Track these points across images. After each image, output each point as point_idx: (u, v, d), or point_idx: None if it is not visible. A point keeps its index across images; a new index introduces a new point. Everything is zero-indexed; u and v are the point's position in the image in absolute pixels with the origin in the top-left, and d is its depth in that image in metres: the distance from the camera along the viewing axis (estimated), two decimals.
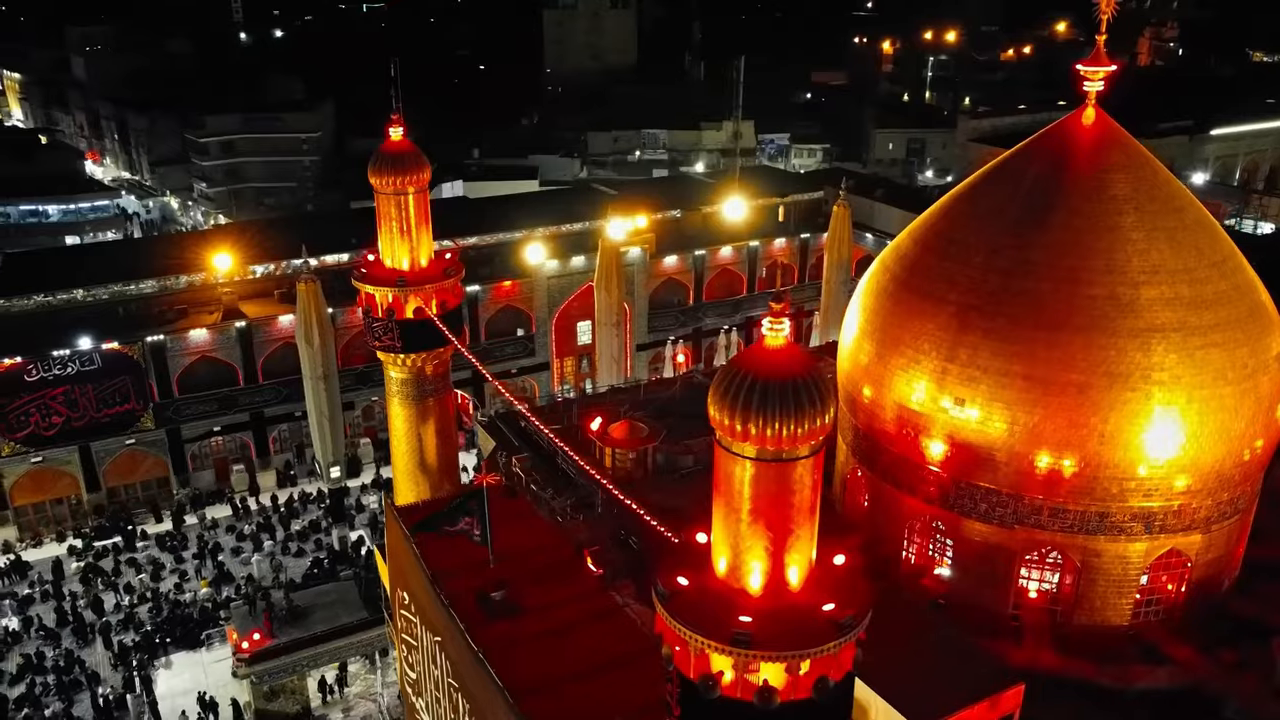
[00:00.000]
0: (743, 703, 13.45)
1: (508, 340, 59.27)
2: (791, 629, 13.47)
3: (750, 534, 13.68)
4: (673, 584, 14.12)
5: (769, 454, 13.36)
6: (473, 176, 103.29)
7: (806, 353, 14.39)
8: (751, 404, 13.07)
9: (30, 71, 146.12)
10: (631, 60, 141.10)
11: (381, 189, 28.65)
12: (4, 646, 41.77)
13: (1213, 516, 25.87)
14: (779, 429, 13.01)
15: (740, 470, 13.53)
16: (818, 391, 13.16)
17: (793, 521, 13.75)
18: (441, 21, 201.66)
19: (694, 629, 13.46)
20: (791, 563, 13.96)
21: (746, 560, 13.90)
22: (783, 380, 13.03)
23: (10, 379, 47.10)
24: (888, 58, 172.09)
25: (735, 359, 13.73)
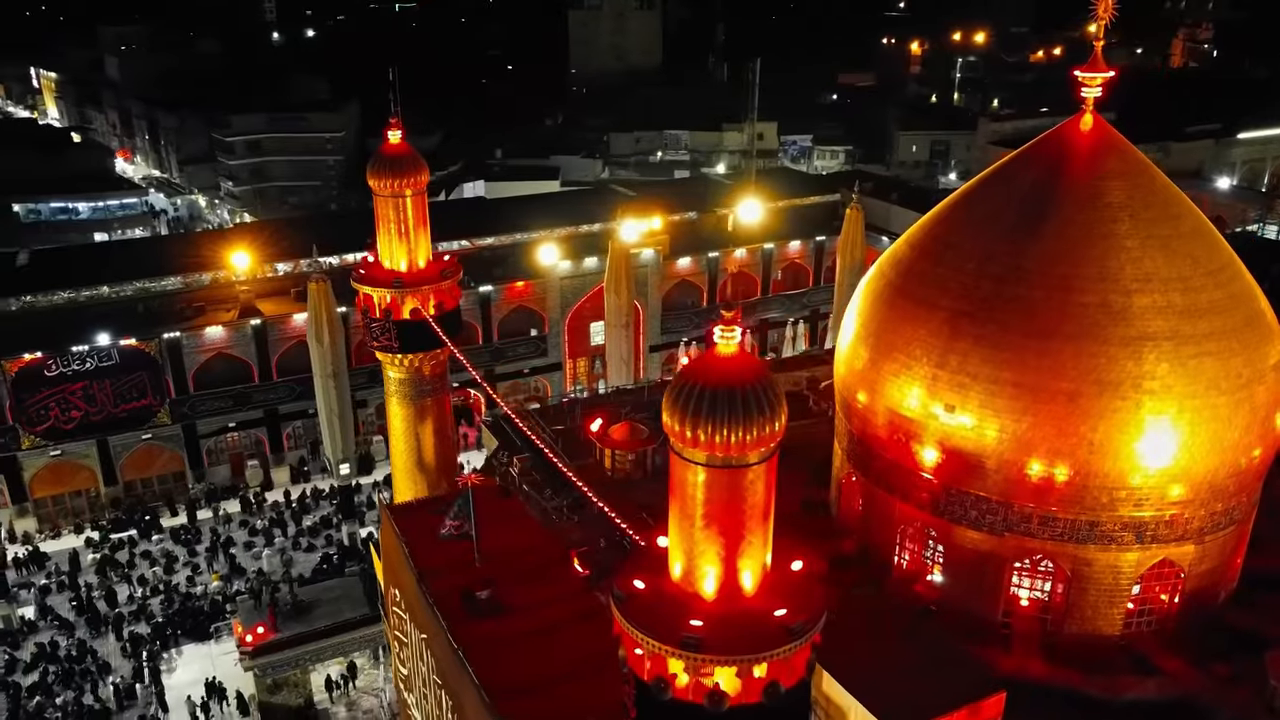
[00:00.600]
0: (694, 705, 13.60)
1: (520, 340, 59.65)
2: (742, 633, 13.60)
3: (703, 539, 13.83)
4: (629, 587, 14.29)
5: (720, 460, 13.50)
6: (495, 176, 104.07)
7: (758, 361, 14.48)
8: (702, 411, 13.22)
9: (66, 70, 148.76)
10: (656, 61, 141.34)
11: (380, 191, 29.05)
12: (20, 635, 42.64)
13: (1206, 527, 25.62)
14: (728, 436, 13.15)
15: (693, 476, 13.68)
16: (767, 399, 13.28)
17: (745, 527, 13.88)
18: (473, 21, 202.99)
19: (646, 631, 13.62)
20: (745, 567, 14.09)
21: (700, 565, 14.05)
22: (732, 388, 13.16)
23: (31, 374, 48.08)
24: (916, 59, 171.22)
25: (687, 367, 13.88)
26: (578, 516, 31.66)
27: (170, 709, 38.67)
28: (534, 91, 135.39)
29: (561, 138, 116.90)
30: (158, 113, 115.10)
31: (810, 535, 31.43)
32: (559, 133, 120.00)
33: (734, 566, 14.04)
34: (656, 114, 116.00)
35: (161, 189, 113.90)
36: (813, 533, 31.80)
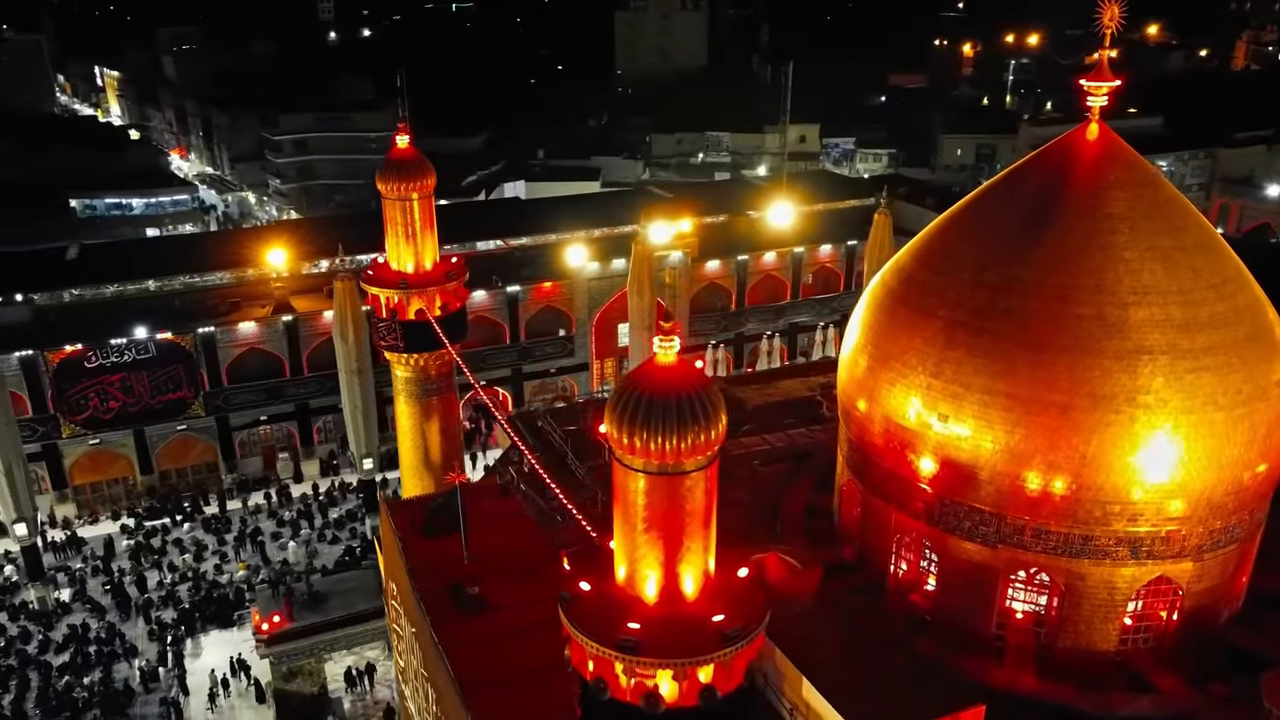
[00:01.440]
0: (631, 706, 13.89)
1: (548, 340, 60.26)
2: (679, 637, 13.85)
3: (644, 544, 14.10)
4: (575, 589, 14.62)
5: (659, 468, 13.76)
6: (536, 177, 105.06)
7: (698, 371, 14.73)
8: (640, 420, 13.50)
9: (127, 70, 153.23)
10: (701, 62, 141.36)
11: (388, 195, 29.73)
12: (54, 616, 44.21)
13: (1205, 545, 25.21)
14: (663, 444, 13.41)
15: (634, 483, 13.96)
16: (704, 408, 13.51)
17: (684, 533, 14.12)
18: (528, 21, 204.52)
19: (586, 633, 13.94)
20: (685, 572, 14.33)
21: (641, 569, 14.32)
22: (670, 397, 13.42)
23: (72, 365, 49.79)
24: (968, 60, 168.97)
25: (629, 376, 14.16)
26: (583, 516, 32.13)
27: (191, 692, 39.83)
28: (579, 92, 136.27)
29: (604, 139, 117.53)
30: (211, 111, 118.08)
31: (811, 541, 31.80)
32: (602, 134, 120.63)
33: (674, 571, 14.29)
34: (699, 115, 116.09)
35: (213, 186, 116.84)
36: (814, 538, 32.03)
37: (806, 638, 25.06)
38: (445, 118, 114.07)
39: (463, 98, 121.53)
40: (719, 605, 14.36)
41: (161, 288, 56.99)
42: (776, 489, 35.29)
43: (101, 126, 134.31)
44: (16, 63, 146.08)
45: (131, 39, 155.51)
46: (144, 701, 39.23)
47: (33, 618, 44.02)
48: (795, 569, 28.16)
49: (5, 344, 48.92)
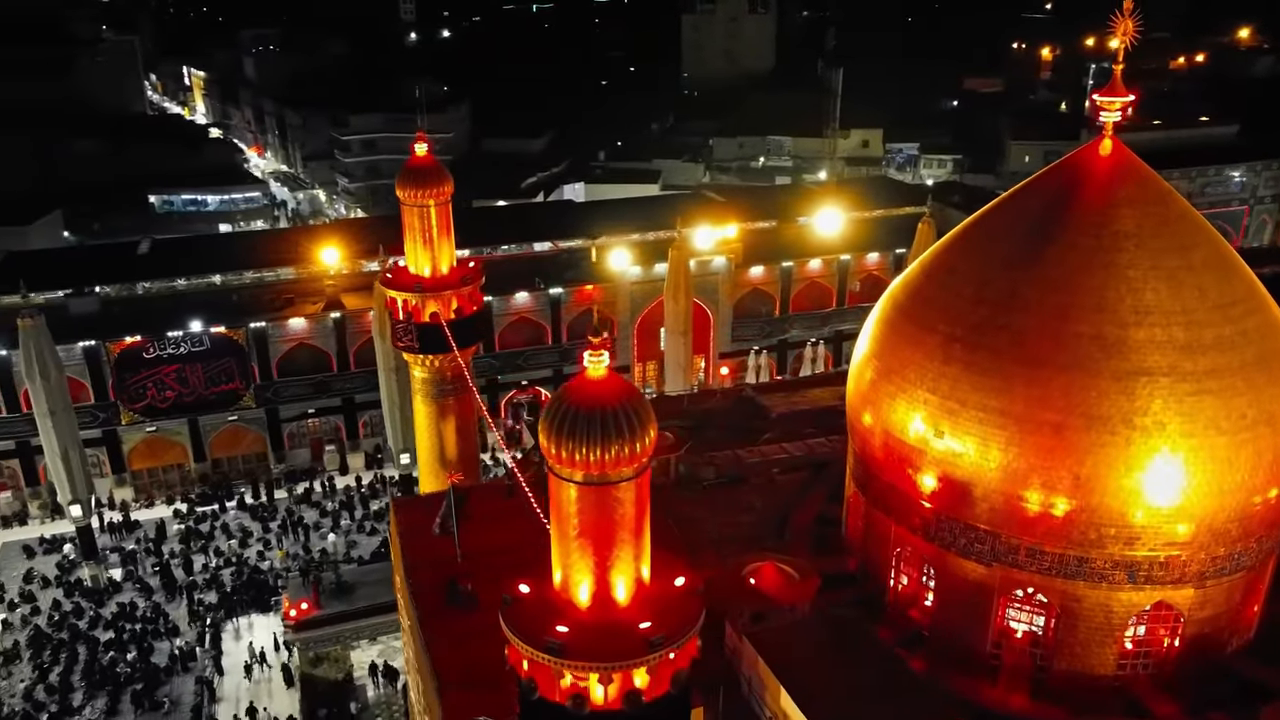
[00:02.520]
0: (559, 706, 14.38)
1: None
2: (604, 642, 14.28)
3: (576, 551, 14.56)
4: (515, 591, 15.17)
5: (589, 478, 14.21)
6: (596, 179, 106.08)
7: (628, 384, 15.11)
8: (569, 431, 13.97)
9: (212, 70, 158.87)
10: (768, 65, 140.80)
11: (406, 201, 30.68)
12: (105, 594, 46.45)
13: (1207, 571, 24.63)
14: (587, 454, 13.86)
15: (566, 493, 14.43)
16: (630, 420, 13.91)
17: (615, 541, 14.54)
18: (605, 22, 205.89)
19: (518, 634, 14.48)
20: (616, 579, 14.75)
21: (573, 575, 14.78)
22: (598, 410, 13.86)
23: (131, 355, 52.21)
24: (1046, 64, 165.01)
25: (562, 389, 14.63)
26: None
27: (225, 673, 41.52)
28: (646, 94, 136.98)
29: (666, 141, 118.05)
30: (286, 111, 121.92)
31: (817, 550, 31.89)
32: (664, 136, 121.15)
33: (605, 578, 14.71)
34: (762, 119, 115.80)
35: (286, 183, 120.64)
36: (820, 548, 32.10)
37: (791, 647, 25.20)
38: (511, 119, 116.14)
39: (530, 99, 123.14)
40: (649, 613, 14.75)
41: (220, 283, 59.38)
42: (790, 497, 35.43)
43: (182, 125, 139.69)
44: (111, 63, 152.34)
45: (217, 40, 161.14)
46: (181, 679, 41.02)
47: (86, 595, 46.34)
48: (791, 578, 28.28)
49: (71, 334, 51.47)
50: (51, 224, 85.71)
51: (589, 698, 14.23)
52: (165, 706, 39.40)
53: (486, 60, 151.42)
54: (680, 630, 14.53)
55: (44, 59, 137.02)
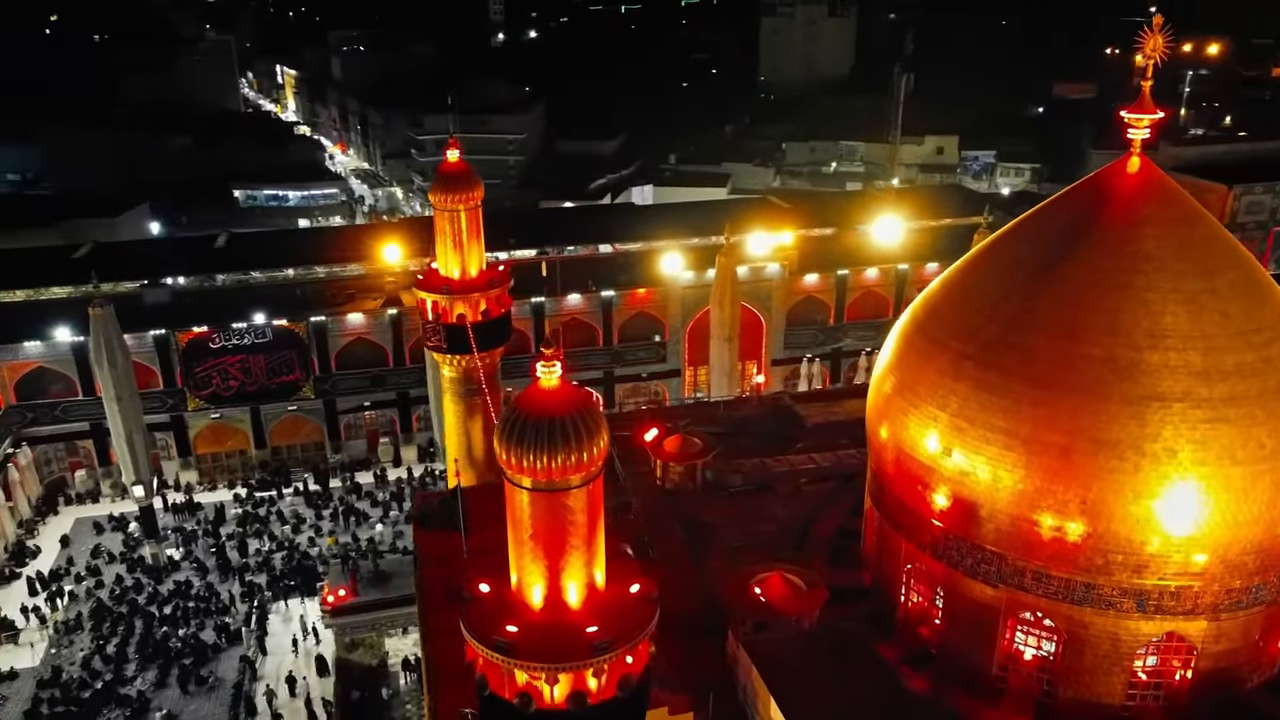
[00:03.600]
0: (507, 703, 14.90)
1: (640, 345, 61.49)
2: (550, 644, 14.72)
3: (529, 554, 15.04)
4: (475, 590, 15.74)
5: (538, 484, 14.67)
6: (664, 181, 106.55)
7: (581, 393, 15.49)
8: (518, 438, 14.46)
9: (304, 69, 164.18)
10: (846, 69, 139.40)
11: (438, 206, 31.57)
12: (164, 572, 48.71)
13: (1222, 604, 23.93)
14: (533, 462, 14.32)
15: (519, 498, 14.91)
16: (578, 429, 14.31)
17: (566, 545, 14.96)
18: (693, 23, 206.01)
19: (471, 631, 15.04)
20: (567, 583, 15.17)
21: (527, 578, 15.26)
22: (547, 418, 14.31)
23: (199, 345, 54.60)
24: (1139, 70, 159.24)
25: (516, 398, 15.09)
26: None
27: (269, 653, 43.23)
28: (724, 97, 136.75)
29: (738, 145, 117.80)
30: (368, 110, 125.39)
31: (834, 563, 31.87)
32: (737, 140, 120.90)
33: (557, 582, 15.14)
34: (836, 124, 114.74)
35: (366, 180, 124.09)
36: (837, 561, 32.04)
37: (787, 659, 25.36)
38: (586, 121, 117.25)
39: (607, 101, 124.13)
40: (598, 617, 15.14)
41: (287, 277, 61.62)
42: (814, 508, 35.40)
43: (269, 122, 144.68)
44: (208, 62, 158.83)
45: (309, 40, 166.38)
46: (226, 657, 42.81)
47: (146, 571, 48.65)
48: (798, 589, 28.33)
49: (143, 323, 54.05)
50: (139, 216, 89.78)
51: (536, 697, 14.72)
52: (210, 682, 41.20)
53: (569, 61, 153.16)
54: (627, 635, 14.89)
55: (147, 58, 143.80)
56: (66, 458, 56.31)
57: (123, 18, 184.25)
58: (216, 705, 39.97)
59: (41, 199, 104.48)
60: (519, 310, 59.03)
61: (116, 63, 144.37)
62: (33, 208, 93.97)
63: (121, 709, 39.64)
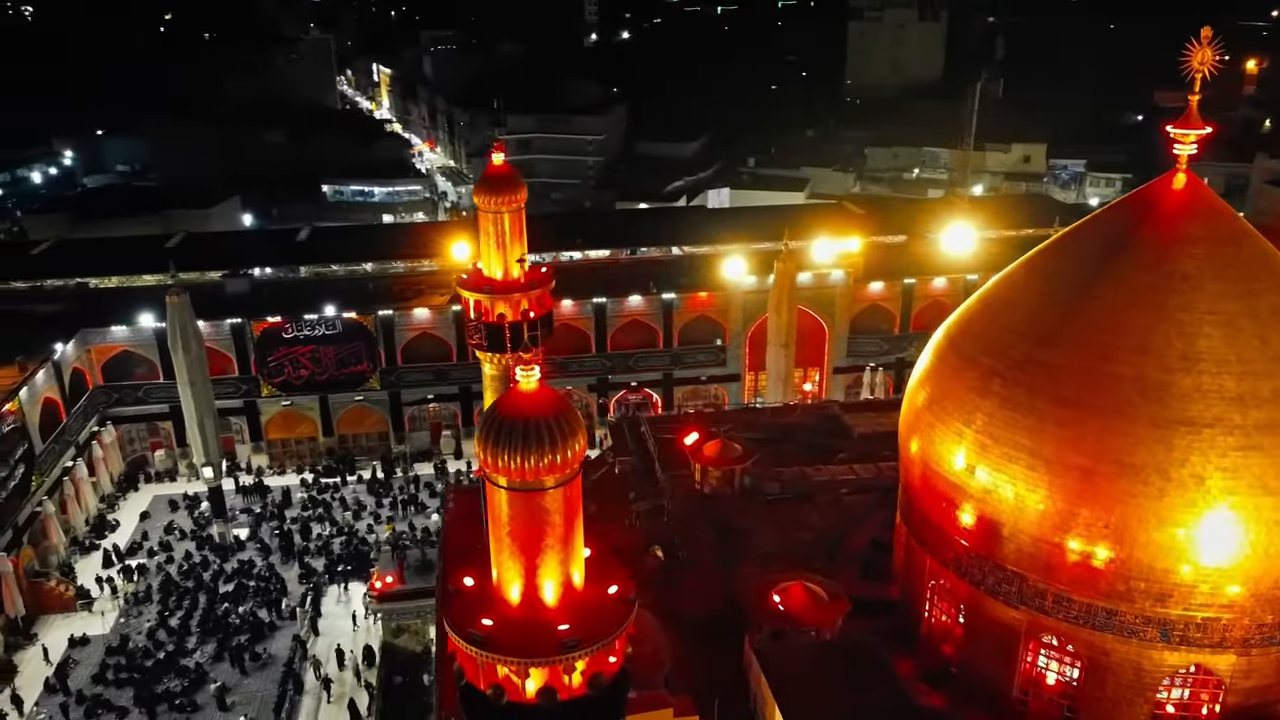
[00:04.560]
0: (482, 693, 15.40)
1: (699, 348, 61.62)
2: (522, 639, 15.14)
3: (507, 552, 15.49)
4: (460, 584, 16.29)
5: (515, 484, 15.11)
6: (742, 185, 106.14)
7: (558, 396, 15.82)
8: (495, 439, 14.92)
9: (398, 68, 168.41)
10: (935, 75, 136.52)
11: (482, 208, 32.33)
12: (229, 551, 50.84)
13: (1253, 638, 23.11)
14: (509, 462, 14.76)
15: (498, 497, 15.37)
16: (554, 431, 14.68)
17: (543, 544, 15.35)
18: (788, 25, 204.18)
19: (450, 623, 15.59)
20: (544, 581, 15.56)
21: (505, 574, 15.71)
22: (525, 421, 14.72)
23: (272, 334, 56.79)
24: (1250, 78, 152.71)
25: (496, 400, 15.53)
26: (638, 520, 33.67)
27: (320, 634, 44.79)
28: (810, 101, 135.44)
29: (819, 149, 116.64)
30: (454, 109, 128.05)
31: (864, 575, 31.71)
32: (818, 144, 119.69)
33: (533, 579, 15.54)
34: (920, 130, 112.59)
35: (450, 178, 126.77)
36: (867, 573, 31.84)
37: (798, 668, 25.34)
38: (668, 122, 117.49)
39: (691, 103, 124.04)
40: (572, 616, 15.51)
41: (362, 271, 63.69)
42: (851, 519, 35.16)
43: (360, 119, 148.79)
44: (307, 60, 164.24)
45: (404, 39, 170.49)
46: (281, 635, 44.51)
47: (214, 549, 50.84)
48: (819, 599, 28.25)
49: (222, 312, 56.51)
50: (231, 208, 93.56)
51: (509, 690, 15.17)
52: (263, 658, 42.91)
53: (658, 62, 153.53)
54: (598, 635, 15.22)
55: (249, 56, 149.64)
56: (148, 437, 59.18)
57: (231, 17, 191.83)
58: (267, 681, 41.60)
59: (146, 190, 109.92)
60: (581, 310, 60.24)
61: (221, 60, 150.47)
62: (136, 198, 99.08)
63: (180, 679, 41.56)
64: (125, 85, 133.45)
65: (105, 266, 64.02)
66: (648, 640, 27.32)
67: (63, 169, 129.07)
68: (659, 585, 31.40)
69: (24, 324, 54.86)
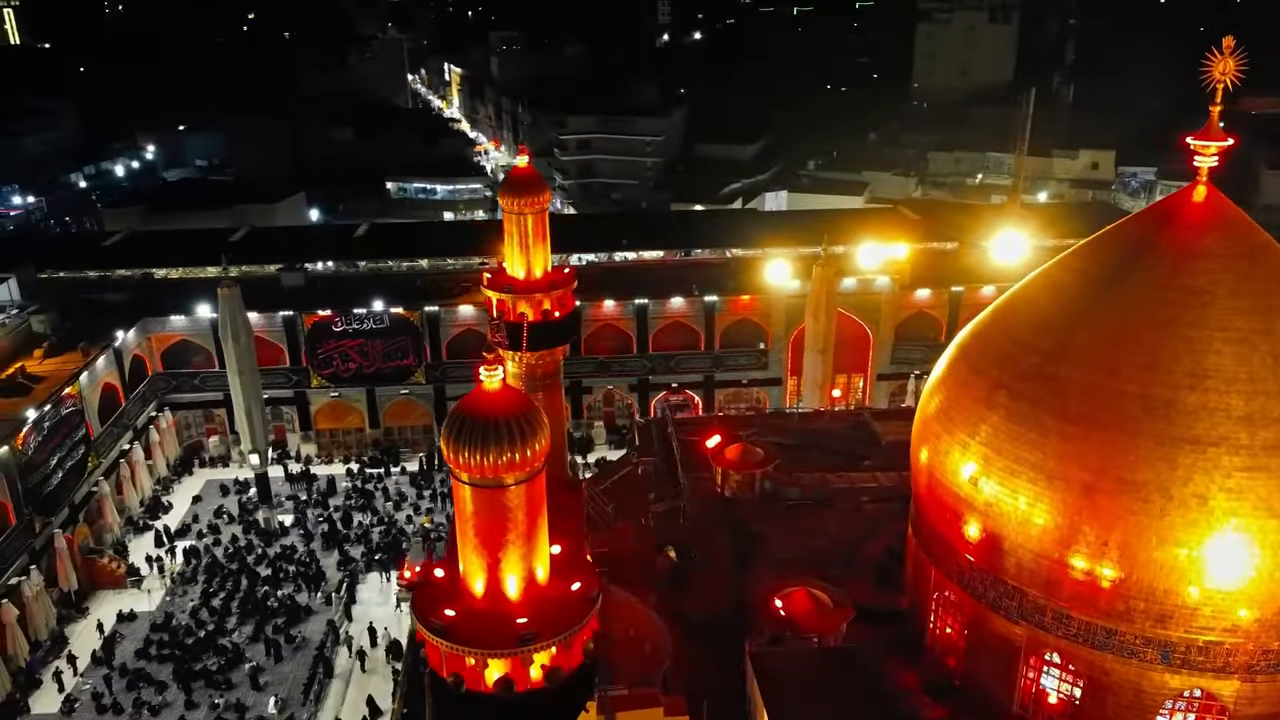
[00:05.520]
0: (443, 680, 15.93)
1: (742, 351, 61.59)
2: (481, 631, 15.59)
3: (471, 546, 15.95)
4: (430, 575, 16.83)
5: (477, 480, 15.56)
6: (800, 188, 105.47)
7: (521, 397, 16.20)
8: (457, 436, 15.40)
9: (469, 67, 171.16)
10: (1006, 78, 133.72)
11: (506, 209, 32.80)
12: (274, 536, 52.47)
13: (1257, 665, 22.51)
14: (468, 458, 15.21)
15: (463, 493, 15.84)
16: (515, 430, 15.08)
17: (505, 539, 15.76)
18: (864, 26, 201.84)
19: (418, 612, 16.14)
20: (506, 575, 15.98)
21: (469, 568, 16.17)
22: (486, 420, 15.16)
23: (322, 327, 58.40)
24: None
25: (462, 399, 15.99)
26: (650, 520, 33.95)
27: (353, 620, 46.02)
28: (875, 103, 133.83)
29: (882, 153, 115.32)
30: (519, 109, 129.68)
31: (877, 584, 31.55)
32: (881, 147, 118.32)
33: (496, 573, 15.96)
34: (986, 135, 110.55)
35: None
36: (880, 582, 31.67)
37: (791, 674, 25.38)
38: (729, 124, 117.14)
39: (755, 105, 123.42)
40: (531, 611, 15.90)
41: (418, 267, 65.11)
42: (870, 527, 34.98)
43: (426, 117, 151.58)
44: (380, 58, 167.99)
45: (475, 39, 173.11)
46: (316, 620, 45.85)
47: (259, 534, 52.53)
48: (823, 606, 28.24)
49: (276, 304, 58.32)
50: (296, 204, 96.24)
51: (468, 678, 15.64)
52: (297, 641, 44.26)
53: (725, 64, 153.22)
54: (555, 630, 15.60)
55: (322, 55, 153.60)
56: (203, 424, 61.33)
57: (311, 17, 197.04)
58: (299, 665, 42.90)
59: (218, 184, 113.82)
60: (623, 310, 60.73)
61: (296, 58, 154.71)
62: (209, 192, 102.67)
63: (218, 657, 43.10)
64: (207, 82, 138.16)
65: (171, 258, 66.49)
66: (648, 639, 27.74)
67: (145, 163, 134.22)
68: (669, 585, 31.77)
69: (92, 312, 57.40)
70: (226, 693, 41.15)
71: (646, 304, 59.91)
